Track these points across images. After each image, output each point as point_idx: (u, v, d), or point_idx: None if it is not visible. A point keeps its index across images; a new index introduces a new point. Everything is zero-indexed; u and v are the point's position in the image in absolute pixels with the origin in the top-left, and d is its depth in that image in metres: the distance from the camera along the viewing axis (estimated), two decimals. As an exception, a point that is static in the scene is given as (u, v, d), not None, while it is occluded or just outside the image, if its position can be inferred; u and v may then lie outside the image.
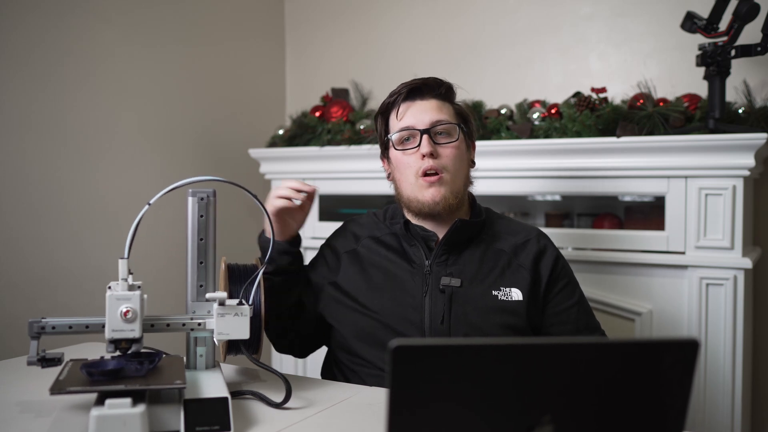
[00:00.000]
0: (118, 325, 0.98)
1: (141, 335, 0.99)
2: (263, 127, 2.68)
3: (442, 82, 1.37)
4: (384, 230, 1.39)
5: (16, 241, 1.88)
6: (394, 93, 1.36)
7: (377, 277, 1.33)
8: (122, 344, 0.99)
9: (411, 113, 1.33)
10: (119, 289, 0.99)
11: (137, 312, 0.98)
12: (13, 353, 1.48)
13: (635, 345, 0.69)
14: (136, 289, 1.00)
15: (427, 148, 1.29)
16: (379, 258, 1.35)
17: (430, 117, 1.32)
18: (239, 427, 0.98)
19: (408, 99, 1.35)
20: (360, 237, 1.40)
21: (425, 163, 1.30)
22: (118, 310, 0.98)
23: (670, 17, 2.09)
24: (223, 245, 1.18)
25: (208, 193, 1.12)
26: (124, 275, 1.01)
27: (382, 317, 1.29)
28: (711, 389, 1.76)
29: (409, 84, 1.35)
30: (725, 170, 1.73)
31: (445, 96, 1.37)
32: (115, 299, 0.98)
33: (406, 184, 1.34)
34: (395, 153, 1.35)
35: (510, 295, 1.29)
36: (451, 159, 1.32)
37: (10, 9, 1.86)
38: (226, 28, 2.57)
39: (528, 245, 1.35)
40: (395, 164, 1.36)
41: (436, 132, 1.32)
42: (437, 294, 1.27)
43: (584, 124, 1.88)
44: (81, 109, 2.05)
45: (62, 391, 0.90)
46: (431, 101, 1.35)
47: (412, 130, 1.32)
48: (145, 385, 0.94)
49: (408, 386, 0.62)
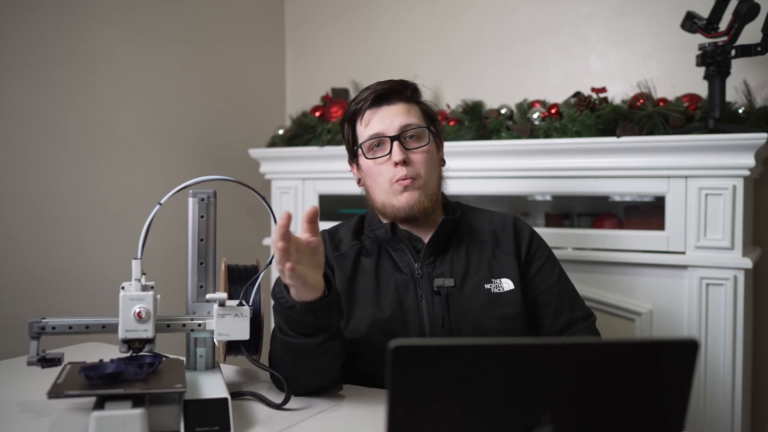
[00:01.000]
0: (132, 325, 0.99)
1: (154, 335, 1.00)
2: (263, 127, 2.68)
3: (408, 84, 1.34)
4: (366, 238, 1.35)
5: (16, 241, 1.88)
6: (360, 99, 1.33)
7: (368, 285, 1.30)
8: (135, 344, 1.00)
9: (379, 119, 1.30)
10: (132, 290, 1.00)
11: (150, 312, 0.99)
12: (13, 353, 1.49)
13: (635, 345, 0.69)
14: (149, 290, 1.01)
15: (399, 156, 1.27)
16: (367, 265, 1.31)
17: (399, 122, 1.29)
18: (239, 427, 0.98)
19: (374, 105, 1.31)
20: (340, 243, 1.36)
21: (398, 172, 1.27)
22: (131, 310, 0.98)
23: (670, 17, 2.09)
24: (223, 246, 1.18)
25: (208, 193, 1.12)
26: (138, 275, 1.01)
27: (380, 325, 1.26)
28: (711, 389, 1.76)
29: (375, 90, 1.32)
30: (725, 170, 1.73)
31: (411, 98, 1.34)
32: (129, 299, 0.99)
33: (380, 191, 1.31)
34: (366, 162, 1.32)
35: (501, 286, 1.29)
36: (423, 164, 1.30)
37: (10, 9, 1.86)
38: (226, 28, 2.57)
39: (506, 231, 1.35)
40: (367, 172, 1.33)
41: (406, 137, 1.30)
42: (433, 297, 1.26)
43: (584, 124, 1.88)
44: (81, 109, 2.05)
45: (60, 395, 0.90)
46: (398, 105, 1.31)
47: (381, 137, 1.30)
48: (145, 388, 0.93)
49: (408, 386, 0.62)
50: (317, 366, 1.11)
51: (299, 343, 1.06)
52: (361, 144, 1.32)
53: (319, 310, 1.03)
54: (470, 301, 1.27)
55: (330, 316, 1.06)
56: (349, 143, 1.38)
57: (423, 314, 1.26)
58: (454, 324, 1.25)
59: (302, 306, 1.02)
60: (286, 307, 1.03)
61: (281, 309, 1.05)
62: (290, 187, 2.38)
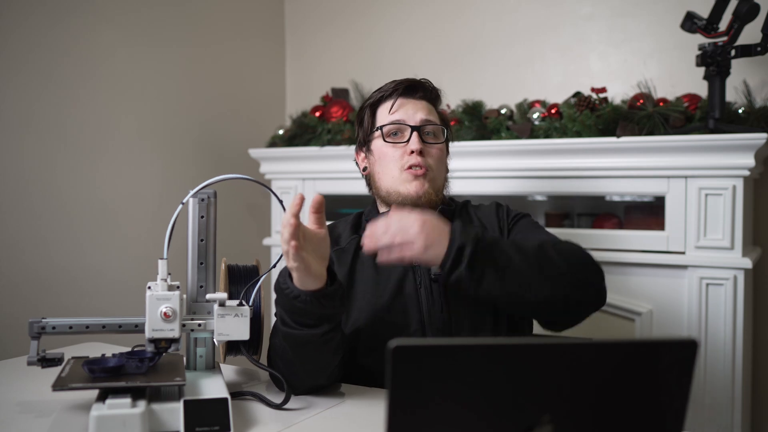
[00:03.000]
0: (158, 324, 0.99)
1: (180, 335, 1.00)
2: (263, 127, 2.69)
3: (434, 87, 1.41)
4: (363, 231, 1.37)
5: (16, 241, 1.88)
6: (389, 88, 1.37)
7: (367, 276, 1.31)
8: (162, 343, 1.00)
9: (403, 109, 1.35)
10: (159, 289, 1.00)
11: (176, 312, 0.99)
12: (13, 353, 1.49)
13: (634, 345, 0.69)
14: (176, 290, 1.01)
15: (417, 145, 1.31)
16: (365, 258, 1.32)
17: (422, 115, 1.35)
18: (239, 427, 0.98)
19: (402, 95, 1.36)
20: (339, 238, 1.38)
21: (412, 159, 1.31)
22: (158, 310, 0.99)
23: (670, 17, 2.09)
24: (223, 246, 1.18)
25: (208, 194, 1.12)
26: (164, 275, 1.01)
27: (380, 314, 1.27)
28: (711, 389, 1.76)
29: (407, 81, 1.37)
30: (725, 170, 1.73)
31: (434, 100, 1.41)
32: (155, 299, 0.99)
33: (388, 177, 1.34)
34: (380, 145, 1.35)
35: None
36: (436, 159, 1.35)
37: (10, 9, 1.87)
38: (226, 28, 2.57)
39: (490, 216, 1.39)
40: (378, 156, 1.36)
41: (425, 131, 1.34)
42: (431, 284, 1.28)
43: (584, 124, 1.88)
44: (81, 109, 2.05)
45: (64, 388, 0.91)
46: (423, 102, 1.37)
47: (403, 124, 1.34)
48: (146, 382, 0.94)
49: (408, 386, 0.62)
50: (319, 359, 1.12)
51: (302, 335, 1.07)
52: (382, 126, 1.35)
53: (325, 299, 1.04)
54: None
55: (334, 305, 1.07)
56: (366, 128, 1.41)
57: (422, 301, 1.27)
58: (453, 310, 1.26)
59: (307, 295, 1.03)
60: (292, 297, 1.04)
61: (286, 299, 1.05)
62: (290, 187, 2.38)
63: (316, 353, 1.10)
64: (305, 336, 1.07)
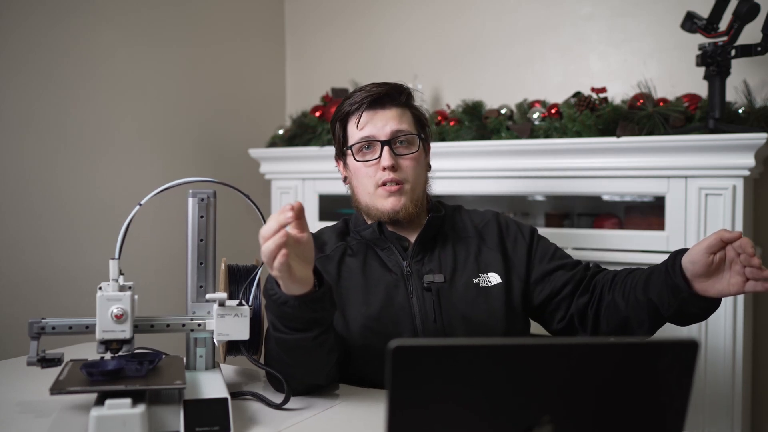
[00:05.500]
0: (109, 325, 0.98)
1: (132, 336, 0.99)
2: (263, 127, 2.69)
3: (402, 89, 1.35)
4: (352, 239, 1.36)
5: (16, 241, 1.88)
6: (354, 102, 1.33)
7: (355, 285, 1.30)
8: (113, 345, 0.99)
9: (371, 123, 1.31)
10: (110, 290, 0.99)
11: (128, 313, 0.98)
12: (13, 353, 1.48)
13: (634, 345, 0.69)
14: (127, 290, 1.00)
15: (389, 161, 1.28)
16: (353, 266, 1.32)
17: (391, 127, 1.31)
18: (239, 427, 0.98)
19: (368, 108, 1.32)
20: (324, 245, 1.36)
21: (386, 175, 1.29)
22: (108, 310, 0.98)
23: (670, 17, 2.09)
24: (223, 246, 1.18)
25: (208, 193, 1.12)
26: (115, 276, 1.00)
27: (372, 324, 1.25)
28: (711, 389, 1.76)
29: (370, 93, 1.32)
30: (725, 170, 1.73)
31: (404, 103, 1.35)
32: (106, 300, 0.98)
33: (364, 193, 1.33)
34: (354, 163, 1.33)
35: (489, 281, 1.30)
36: (411, 170, 1.32)
37: (10, 9, 1.86)
38: (226, 28, 2.57)
39: (489, 227, 1.37)
40: (354, 172, 1.35)
41: (396, 142, 1.31)
42: (423, 293, 1.27)
43: (584, 124, 1.88)
44: (81, 109, 2.05)
45: (62, 391, 0.91)
46: (391, 110, 1.32)
47: (372, 140, 1.31)
48: (145, 385, 0.94)
49: (407, 386, 0.62)
50: (314, 361, 1.11)
51: (294, 339, 1.06)
52: (351, 145, 1.33)
53: (314, 303, 1.02)
54: (461, 296, 1.28)
55: (324, 308, 1.05)
56: (339, 142, 1.38)
57: (414, 311, 1.26)
58: (446, 319, 1.26)
59: (295, 300, 1.01)
60: (280, 302, 1.02)
61: (274, 306, 1.03)
62: (290, 187, 2.38)
63: (310, 356, 1.09)
64: (297, 340, 1.06)
